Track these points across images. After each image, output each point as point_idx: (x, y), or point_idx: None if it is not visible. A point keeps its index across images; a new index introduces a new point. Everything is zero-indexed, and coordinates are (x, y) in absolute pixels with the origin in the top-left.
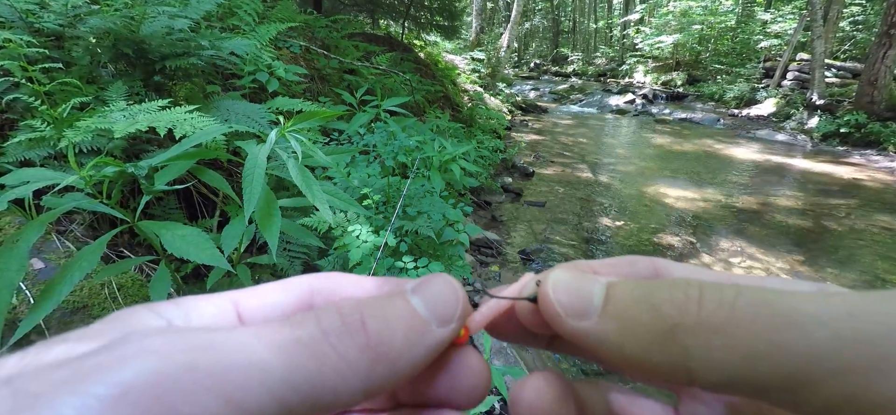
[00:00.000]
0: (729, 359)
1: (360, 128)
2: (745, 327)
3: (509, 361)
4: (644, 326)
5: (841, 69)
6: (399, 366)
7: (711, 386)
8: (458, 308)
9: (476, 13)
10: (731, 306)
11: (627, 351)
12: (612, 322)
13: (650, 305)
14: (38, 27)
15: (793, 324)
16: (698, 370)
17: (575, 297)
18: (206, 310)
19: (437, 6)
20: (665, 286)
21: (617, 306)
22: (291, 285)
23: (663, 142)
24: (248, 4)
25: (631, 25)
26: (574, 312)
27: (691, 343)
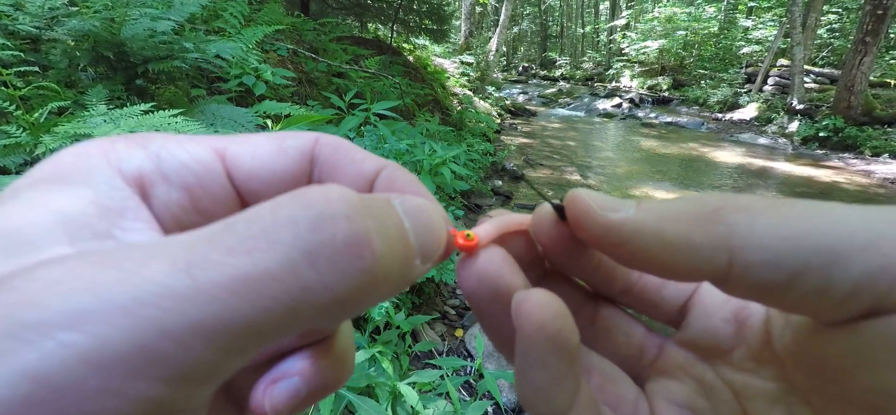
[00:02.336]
0: (772, 236)
1: (350, 131)
2: (787, 209)
3: (502, 364)
4: (684, 211)
5: (819, 75)
6: (382, 291)
7: (749, 267)
8: (440, 243)
9: (465, 17)
10: (771, 199)
11: (668, 234)
12: (649, 212)
13: (689, 199)
14: (12, 30)
15: (827, 209)
16: (740, 248)
17: (611, 199)
18: (182, 158)
19: (426, 10)
20: (699, 194)
21: (651, 205)
22: (290, 146)
23: (650, 145)
24: (233, 7)
25: (617, 31)
26: (608, 206)
27: (736, 219)
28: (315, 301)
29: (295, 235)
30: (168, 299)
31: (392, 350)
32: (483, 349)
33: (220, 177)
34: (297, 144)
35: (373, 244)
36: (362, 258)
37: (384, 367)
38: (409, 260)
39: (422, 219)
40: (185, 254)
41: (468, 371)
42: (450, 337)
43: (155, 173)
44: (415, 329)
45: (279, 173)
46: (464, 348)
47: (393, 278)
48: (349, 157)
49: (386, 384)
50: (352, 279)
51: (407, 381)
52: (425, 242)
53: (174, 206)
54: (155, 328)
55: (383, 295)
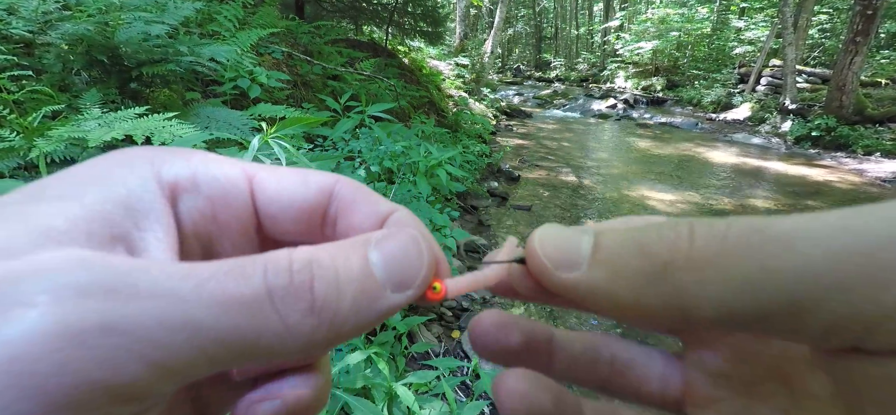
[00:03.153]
0: (723, 291)
1: (345, 134)
2: (738, 256)
3: (498, 366)
4: (634, 268)
5: (811, 75)
6: (343, 331)
7: (708, 322)
8: (420, 273)
9: (459, 19)
10: (723, 237)
11: (619, 297)
12: (600, 270)
13: (639, 246)
14: (6, 34)
15: (785, 246)
16: (692, 307)
17: (563, 250)
18: (215, 173)
19: (420, 12)
20: (654, 227)
21: (605, 253)
22: (312, 181)
23: (645, 145)
24: (228, 10)
25: (611, 32)
26: (562, 264)
27: (683, 280)
28: (274, 329)
29: (264, 274)
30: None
31: (388, 351)
32: None
33: (243, 195)
34: (319, 180)
35: (314, 287)
36: (303, 299)
37: (380, 368)
38: (370, 293)
39: (396, 254)
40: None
41: (465, 372)
42: (446, 338)
43: (188, 181)
44: (411, 330)
45: (298, 202)
46: (460, 349)
47: (344, 313)
48: (367, 198)
49: (382, 385)
50: (299, 315)
51: (403, 382)
52: (396, 275)
53: (197, 212)
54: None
55: (348, 326)
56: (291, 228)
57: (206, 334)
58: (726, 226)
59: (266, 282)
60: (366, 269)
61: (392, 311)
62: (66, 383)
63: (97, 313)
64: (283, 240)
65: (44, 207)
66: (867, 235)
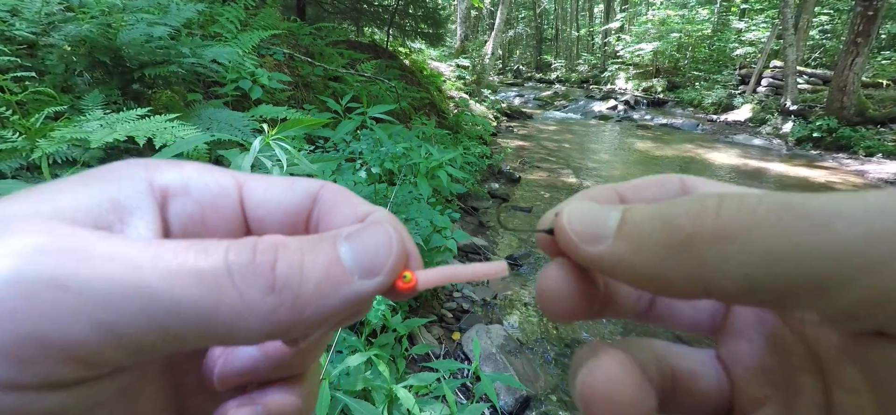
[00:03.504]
0: (747, 264)
1: (346, 135)
2: (766, 231)
3: (499, 367)
4: (656, 240)
5: (812, 76)
6: (306, 314)
7: (728, 296)
8: (389, 260)
9: (460, 21)
10: (752, 211)
11: (641, 268)
12: (624, 243)
13: (663, 219)
14: (9, 35)
15: (819, 224)
16: (714, 279)
17: (589, 224)
18: (207, 181)
19: (421, 14)
20: (682, 201)
21: (630, 227)
22: (299, 187)
23: (646, 147)
24: (229, 12)
25: (612, 33)
26: (589, 238)
27: (706, 252)
28: (232, 303)
29: (226, 252)
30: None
31: (388, 353)
32: (480, 352)
33: (232, 201)
34: (305, 185)
35: (276, 267)
36: (264, 276)
37: (380, 370)
38: (335, 278)
39: (365, 243)
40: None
41: (465, 374)
42: (447, 340)
43: (180, 186)
44: (411, 332)
45: (284, 205)
46: (461, 351)
47: (307, 295)
48: (348, 201)
49: (382, 387)
50: (259, 292)
51: (403, 384)
52: (364, 262)
53: (186, 216)
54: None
55: (310, 309)
56: (277, 230)
57: (159, 303)
58: (757, 200)
59: (227, 258)
60: (332, 255)
61: (361, 298)
62: (11, 333)
63: (50, 270)
64: None
65: (35, 196)
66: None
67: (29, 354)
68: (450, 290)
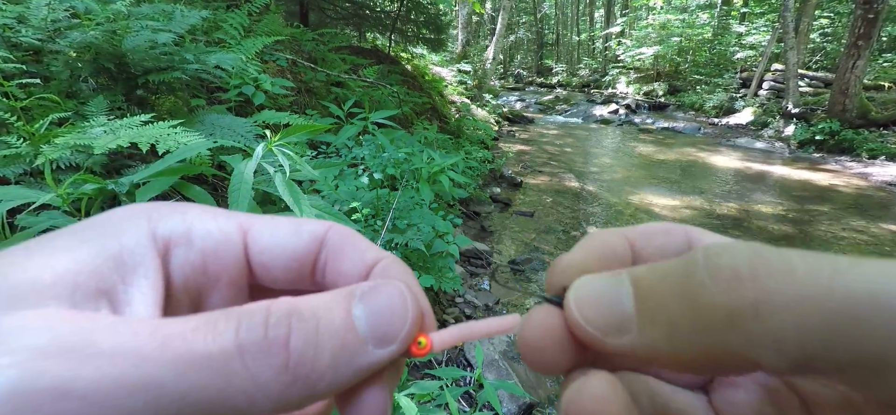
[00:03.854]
0: (802, 341)
1: (348, 140)
2: (819, 303)
3: (502, 374)
4: (693, 324)
5: (813, 79)
6: (319, 388)
7: (780, 371)
8: (404, 327)
9: (462, 26)
10: (790, 274)
11: (683, 356)
12: (655, 330)
13: (688, 295)
14: (15, 42)
15: (874, 299)
16: (765, 357)
17: (604, 312)
18: (209, 228)
19: (423, 19)
20: (700, 269)
21: (652, 307)
22: (305, 230)
23: (647, 150)
24: (233, 18)
25: (612, 38)
26: (609, 329)
27: (754, 330)
28: (243, 387)
29: (237, 329)
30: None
31: None
32: (482, 359)
33: (236, 246)
34: (311, 228)
35: (290, 343)
36: (277, 355)
37: None
38: (350, 348)
39: (381, 307)
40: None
41: (468, 382)
42: (450, 348)
43: (182, 236)
44: None
45: (289, 250)
46: (463, 358)
47: (321, 370)
48: (355, 246)
49: None
50: (272, 372)
51: (405, 392)
52: (379, 329)
53: (188, 266)
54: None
55: (324, 383)
56: (282, 276)
57: (167, 394)
58: (789, 265)
59: (238, 337)
60: (348, 322)
61: (373, 368)
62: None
63: (53, 376)
64: (274, 288)
65: (37, 260)
66: None
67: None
68: (452, 295)
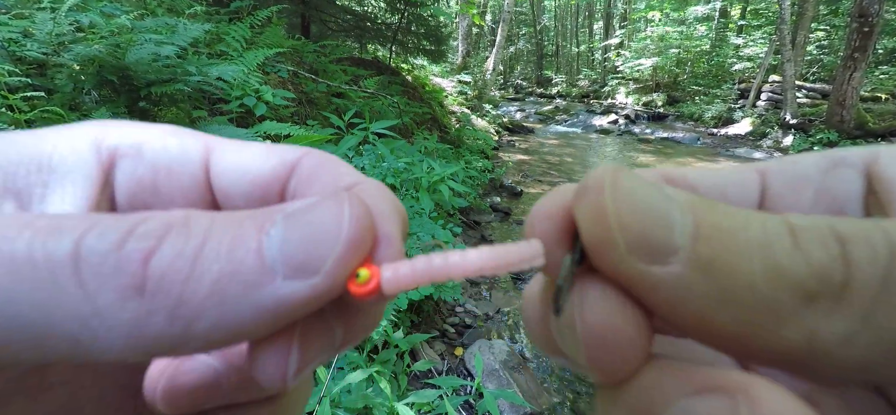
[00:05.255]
0: (880, 345)
1: (349, 150)
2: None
3: (502, 383)
4: (759, 291)
5: (811, 90)
6: (196, 328)
7: (843, 377)
8: (333, 249)
9: (462, 37)
10: (889, 266)
11: (722, 325)
12: (705, 277)
13: (771, 260)
14: (20, 55)
15: None
16: (833, 358)
17: (648, 220)
18: (167, 144)
19: (424, 31)
20: (791, 231)
21: (715, 250)
22: (274, 153)
23: (647, 160)
24: (235, 31)
25: (611, 49)
26: (645, 247)
27: (824, 326)
28: (73, 309)
29: (83, 234)
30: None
31: (390, 370)
32: (482, 368)
33: (193, 165)
34: (282, 152)
35: (150, 261)
36: (126, 273)
37: (382, 387)
38: (246, 278)
39: (300, 226)
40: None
41: (468, 391)
42: (449, 356)
43: (132, 147)
44: (413, 348)
45: (252, 174)
46: (463, 367)
47: (197, 302)
48: (333, 170)
49: (384, 405)
50: (115, 295)
51: (405, 401)
52: (295, 254)
53: (135, 181)
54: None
55: (205, 323)
56: (243, 204)
57: None
58: (890, 249)
59: (77, 245)
60: (250, 242)
61: (285, 308)
62: None
63: None
64: None
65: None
66: None
67: None
68: (452, 304)
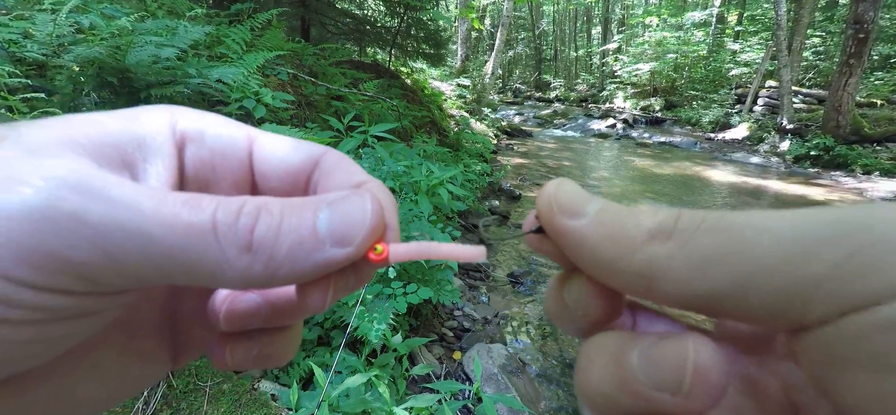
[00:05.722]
0: (686, 269)
1: (348, 153)
2: (702, 242)
3: (501, 388)
4: (624, 233)
5: (807, 95)
6: (278, 273)
7: (668, 297)
8: (361, 231)
9: (461, 41)
10: (698, 225)
11: (603, 254)
12: (598, 227)
13: (635, 218)
14: (20, 56)
15: (741, 234)
16: (658, 278)
17: (573, 200)
18: (221, 132)
19: (423, 35)
20: (653, 207)
21: (607, 216)
22: (303, 149)
23: (645, 164)
24: (236, 33)
25: (609, 54)
26: (567, 210)
27: (658, 252)
28: (213, 257)
29: (215, 210)
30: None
31: (388, 374)
32: (481, 372)
33: (241, 152)
34: (309, 149)
35: (255, 230)
36: (242, 237)
37: (380, 391)
38: (308, 244)
39: (342, 212)
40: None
41: (466, 395)
42: (448, 360)
43: (196, 133)
44: (412, 352)
45: (285, 163)
46: (462, 371)
47: (280, 258)
48: (346, 169)
49: (382, 409)
50: (236, 251)
51: (403, 406)
52: (338, 231)
53: (199, 160)
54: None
55: (283, 270)
56: (278, 187)
57: (156, 246)
58: (704, 216)
59: (214, 217)
60: (309, 222)
61: (330, 264)
62: (33, 247)
63: (73, 204)
64: None
65: (77, 125)
66: (814, 225)
67: (45, 264)
68: (450, 308)
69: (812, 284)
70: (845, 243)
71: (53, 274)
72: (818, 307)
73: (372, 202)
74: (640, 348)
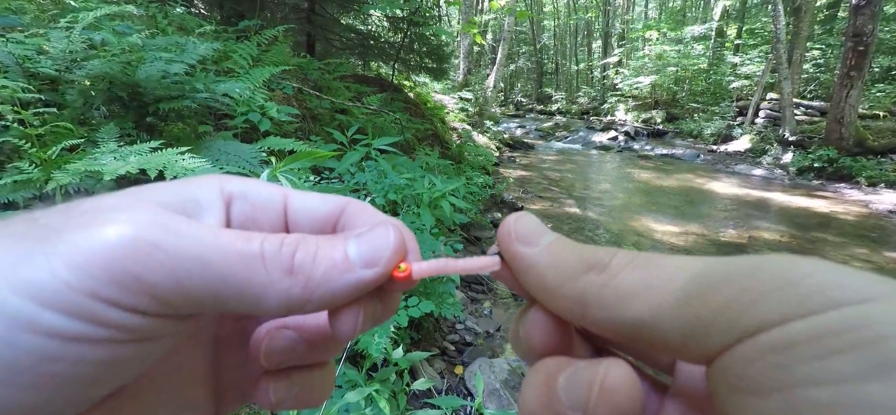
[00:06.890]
0: (612, 300)
1: (351, 166)
2: (630, 276)
3: (502, 403)
4: (568, 263)
5: (809, 108)
6: (316, 293)
7: (597, 325)
8: (386, 253)
9: (463, 55)
10: (628, 263)
11: (548, 280)
12: (547, 256)
13: (579, 252)
14: (34, 71)
15: (661, 271)
16: (590, 306)
17: (529, 231)
18: (260, 191)
19: (426, 50)
20: (596, 247)
21: (556, 247)
22: (329, 200)
23: (647, 177)
24: (243, 49)
25: (610, 67)
26: (523, 239)
27: (592, 282)
28: (260, 279)
29: (262, 242)
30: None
31: (389, 389)
32: (483, 387)
33: (278, 206)
34: (335, 199)
35: (295, 256)
36: (285, 262)
37: (381, 406)
38: (341, 267)
39: (367, 241)
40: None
41: (468, 411)
42: (449, 374)
43: (241, 193)
44: (413, 366)
45: (314, 212)
46: (463, 387)
47: (317, 279)
48: (368, 212)
49: None
50: (279, 274)
51: None
52: (366, 255)
53: (243, 215)
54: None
55: (320, 290)
56: (308, 232)
57: (213, 270)
58: (636, 255)
59: (261, 246)
60: (341, 250)
61: (361, 285)
62: (123, 270)
63: (154, 235)
64: None
65: (145, 191)
66: (715, 265)
67: (129, 284)
68: (452, 321)
69: (714, 314)
70: (742, 280)
71: (133, 294)
72: (718, 336)
73: (393, 229)
74: (568, 372)
